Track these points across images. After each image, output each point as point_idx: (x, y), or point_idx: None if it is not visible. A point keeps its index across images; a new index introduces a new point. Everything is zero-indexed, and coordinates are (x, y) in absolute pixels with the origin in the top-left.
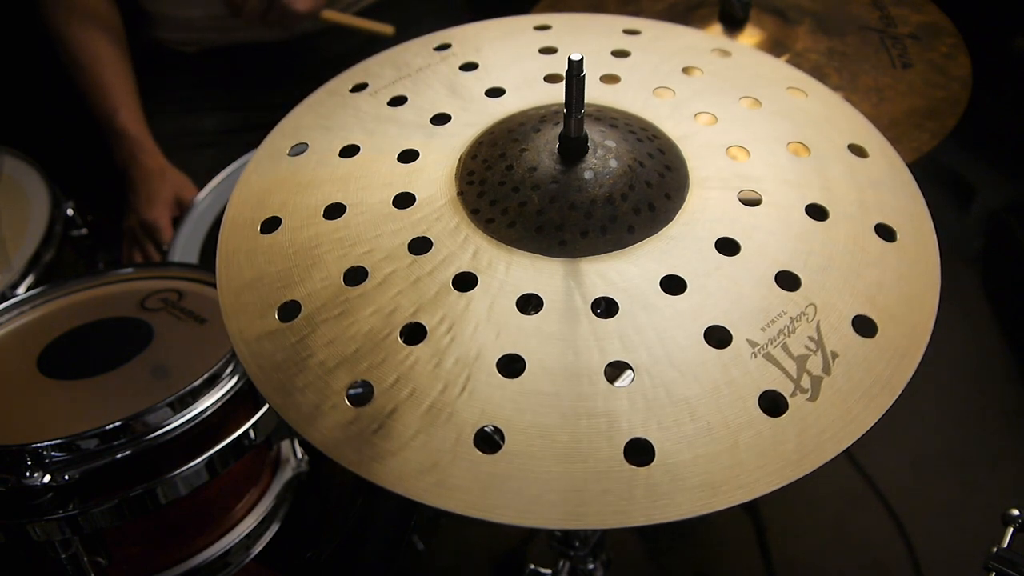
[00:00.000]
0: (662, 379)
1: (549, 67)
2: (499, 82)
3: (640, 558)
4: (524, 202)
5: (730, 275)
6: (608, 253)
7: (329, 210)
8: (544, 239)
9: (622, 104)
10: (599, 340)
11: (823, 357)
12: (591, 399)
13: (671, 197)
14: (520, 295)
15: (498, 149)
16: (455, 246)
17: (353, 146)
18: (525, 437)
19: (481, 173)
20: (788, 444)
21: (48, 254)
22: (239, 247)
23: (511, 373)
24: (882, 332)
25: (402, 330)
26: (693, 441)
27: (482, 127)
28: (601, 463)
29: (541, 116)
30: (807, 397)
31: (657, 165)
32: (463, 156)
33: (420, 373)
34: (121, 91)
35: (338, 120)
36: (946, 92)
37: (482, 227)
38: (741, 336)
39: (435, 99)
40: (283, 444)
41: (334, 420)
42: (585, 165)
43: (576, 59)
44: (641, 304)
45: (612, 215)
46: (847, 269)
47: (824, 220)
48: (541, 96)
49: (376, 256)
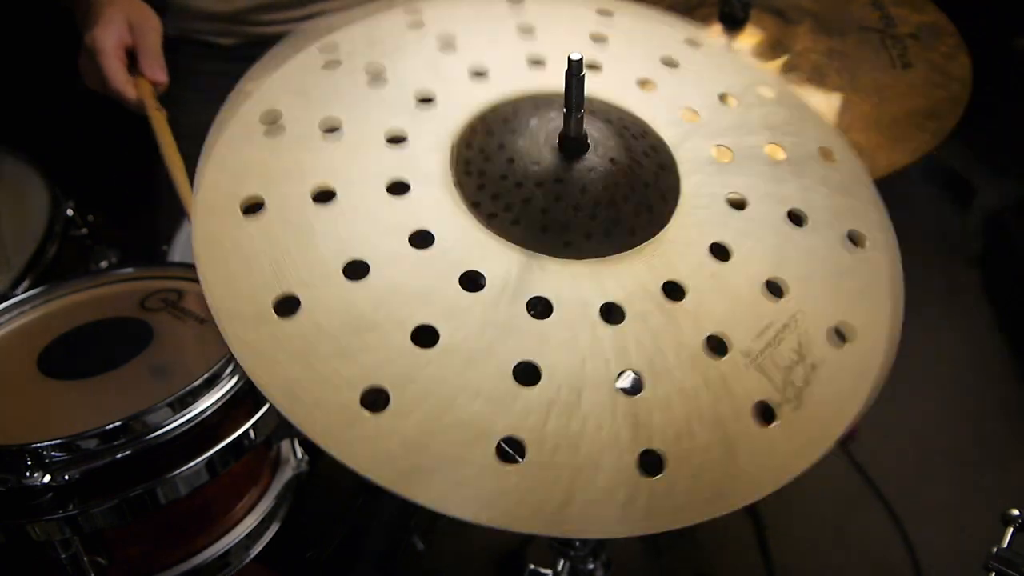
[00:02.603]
0: (669, 389)
1: (530, 49)
2: (481, 64)
3: (640, 558)
4: (528, 199)
5: (725, 282)
6: (612, 256)
7: (319, 195)
8: (549, 239)
9: (607, 92)
10: (609, 348)
11: (804, 369)
12: (609, 409)
13: (666, 199)
14: (530, 297)
15: (495, 139)
16: (459, 242)
17: (335, 126)
18: (546, 447)
19: (479, 164)
20: (778, 452)
21: (48, 254)
22: (221, 234)
23: (527, 381)
24: (850, 343)
25: (413, 333)
26: (699, 451)
27: (471, 110)
28: (619, 473)
29: (535, 106)
30: (792, 407)
31: (652, 164)
32: (456, 144)
33: (434, 379)
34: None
35: (317, 95)
36: (946, 92)
37: (484, 222)
38: (737, 346)
39: (417, 79)
40: (283, 444)
41: (356, 433)
42: (587, 163)
43: (576, 59)
44: (646, 310)
45: (616, 217)
46: (826, 277)
47: (803, 227)
48: (526, 81)
49: (377, 248)
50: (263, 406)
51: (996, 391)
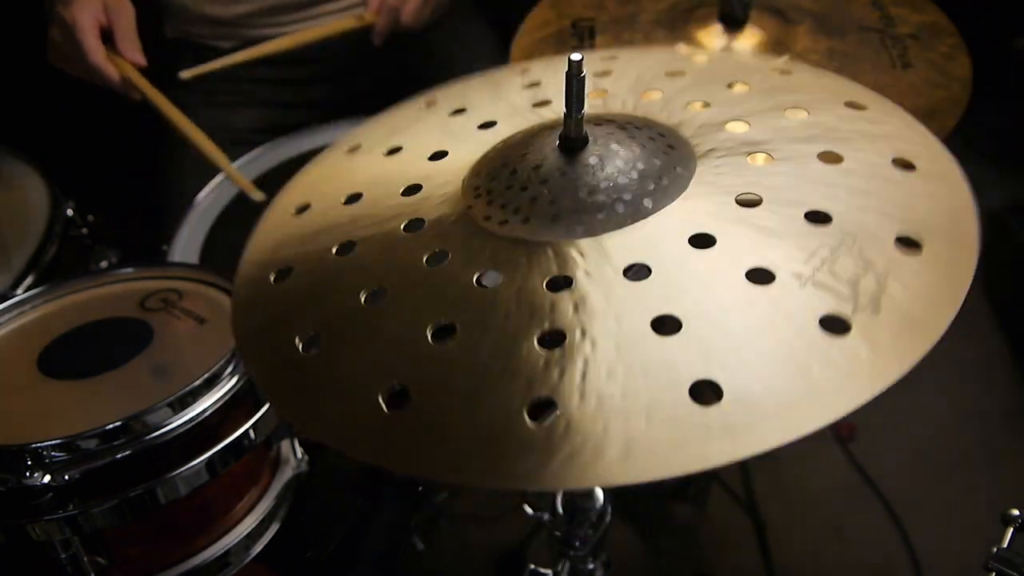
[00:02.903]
0: (713, 322)
1: (535, 96)
2: (489, 117)
3: (640, 558)
4: (535, 197)
5: (757, 224)
6: (629, 226)
7: (341, 248)
8: (562, 227)
9: (613, 110)
10: (639, 300)
11: (874, 276)
12: (644, 355)
13: (680, 169)
14: (548, 278)
15: (499, 160)
16: (472, 252)
17: (356, 194)
18: (584, 404)
19: (487, 185)
20: (862, 359)
21: (48, 254)
22: (253, 298)
23: (552, 346)
24: (928, 246)
25: (433, 333)
26: (760, 372)
27: (480, 154)
28: (667, 409)
29: (538, 128)
30: (869, 312)
31: (660, 145)
32: (466, 178)
33: (458, 366)
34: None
35: (337, 179)
36: (946, 92)
37: (496, 229)
38: (784, 271)
39: (429, 141)
40: (283, 444)
41: (375, 431)
42: (589, 152)
43: (576, 59)
44: (674, 262)
45: (625, 192)
46: (875, 198)
47: (840, 163)
48: (532, 120)
49: (394, 276)
50: (263, 406)
51: (996, 391)
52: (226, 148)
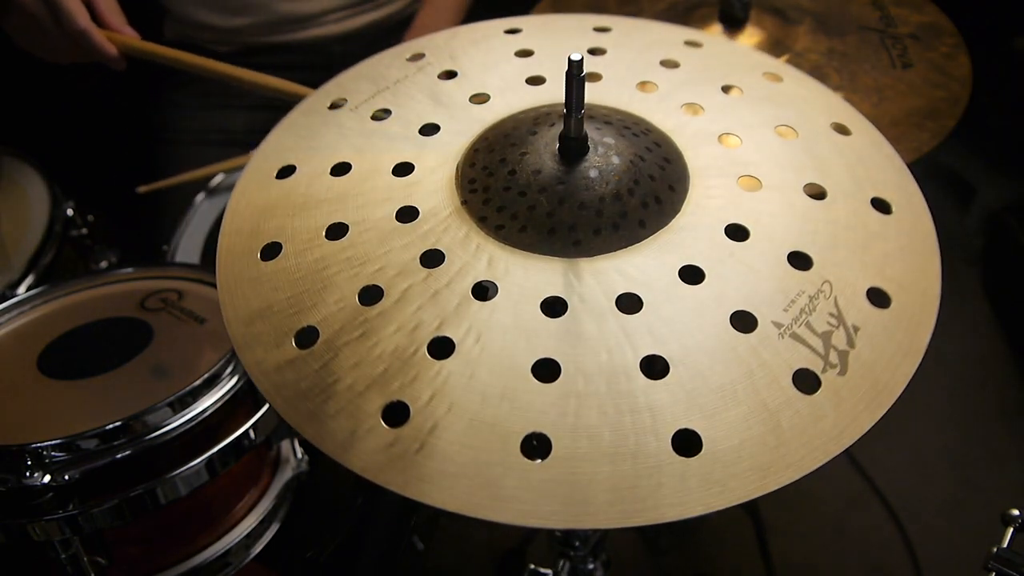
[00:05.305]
0: (698, 368)
1: (528, 69)
2: (481, 88)
3: (640, 558)
4: (533, 205)
5: (744, 260)
6: (623, 249)
7: (331, 230)
8: (558, 240)
9: (607, 100)
10: (629, 336)
11: (845, 331)
12: (631, 396)
13: (675, 189)
14: (544, 298)
15: (497, 155)
16: (468, 256)
17: (344, 164)
18: (572, 440)
19: (483, 180)
20: (827, 419)
21: (48, 254)
22: (241, 276)
23: (547, 377)
24: (896, 301)
25: (429, 345)
26: (737, 426)
27: (473, 134)
28: (651, 458)
29: (534, 119)
30: (837, 372)
31: (656, 158)
32: (460, 165)
33: (455, 387)
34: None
35: (322, 139)
36: (946, 92)
37: (492, 234)
38: (766, 319)
39: (420, 110)
40: (283, 444)
41: (372, 444)
42: (588, 164)
43: (576, 59)
44: (664, 296)
45: (622, 211)
46: (853, 244)
47: (823, 200)
48: (526, 99)
49: (389, 273)
50: (263, 406)
51: (996, 391)
52: (220, 149)
